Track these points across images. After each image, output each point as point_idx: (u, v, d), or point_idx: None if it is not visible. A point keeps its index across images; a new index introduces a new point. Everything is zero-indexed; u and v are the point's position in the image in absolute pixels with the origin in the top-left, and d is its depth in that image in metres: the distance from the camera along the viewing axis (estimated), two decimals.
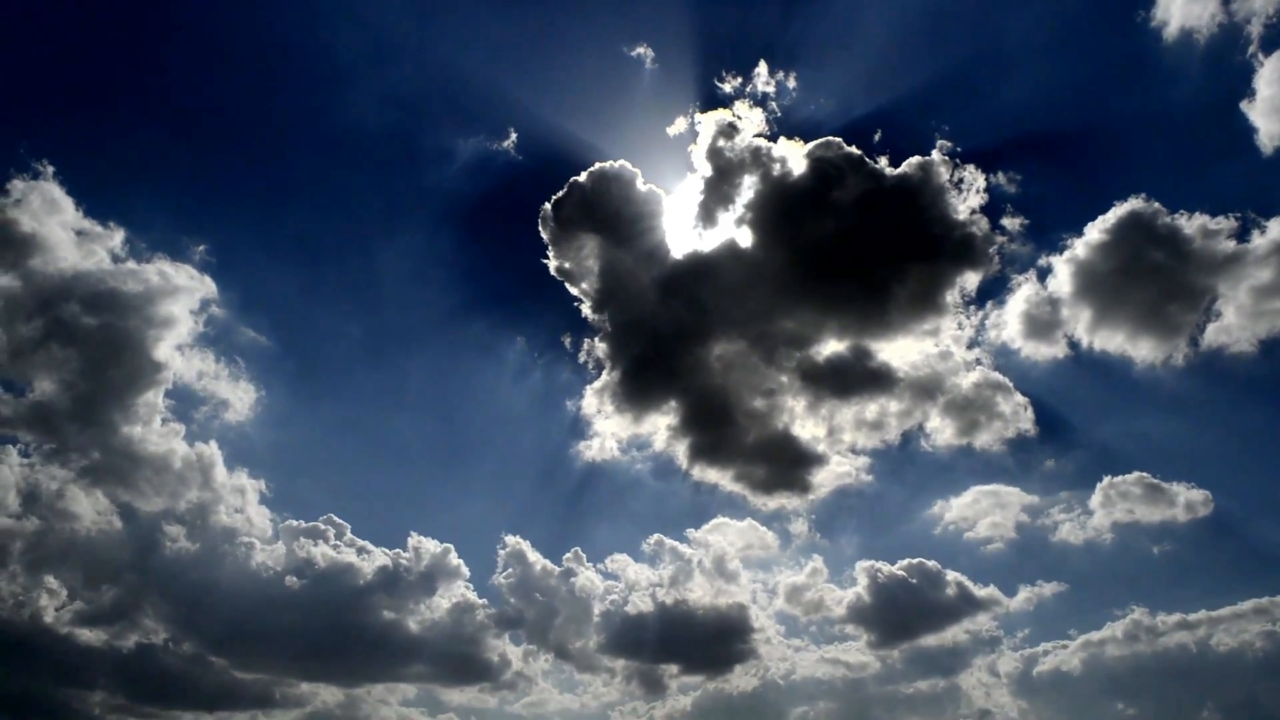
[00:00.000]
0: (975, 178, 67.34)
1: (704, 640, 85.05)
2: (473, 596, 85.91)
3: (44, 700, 77.24)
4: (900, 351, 72.99)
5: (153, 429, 78.78)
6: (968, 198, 67.36)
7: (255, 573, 79.98)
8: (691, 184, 69.63)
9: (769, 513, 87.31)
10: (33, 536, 77.07)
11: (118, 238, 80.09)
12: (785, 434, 75.26)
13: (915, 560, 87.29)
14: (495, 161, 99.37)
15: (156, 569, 79.00)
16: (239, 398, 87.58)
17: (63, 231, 77.33)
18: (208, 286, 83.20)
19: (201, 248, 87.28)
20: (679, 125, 75.97)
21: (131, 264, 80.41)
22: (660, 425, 76.43)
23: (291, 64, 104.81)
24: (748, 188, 67.11)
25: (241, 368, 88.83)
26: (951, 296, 70.02)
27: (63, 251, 76.89)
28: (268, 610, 79.61)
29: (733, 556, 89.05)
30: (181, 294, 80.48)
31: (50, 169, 77.94)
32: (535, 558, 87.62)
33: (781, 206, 66.76)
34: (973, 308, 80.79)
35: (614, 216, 68.21)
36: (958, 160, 67.87)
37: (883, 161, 67.52)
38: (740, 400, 73.59)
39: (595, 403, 77.70)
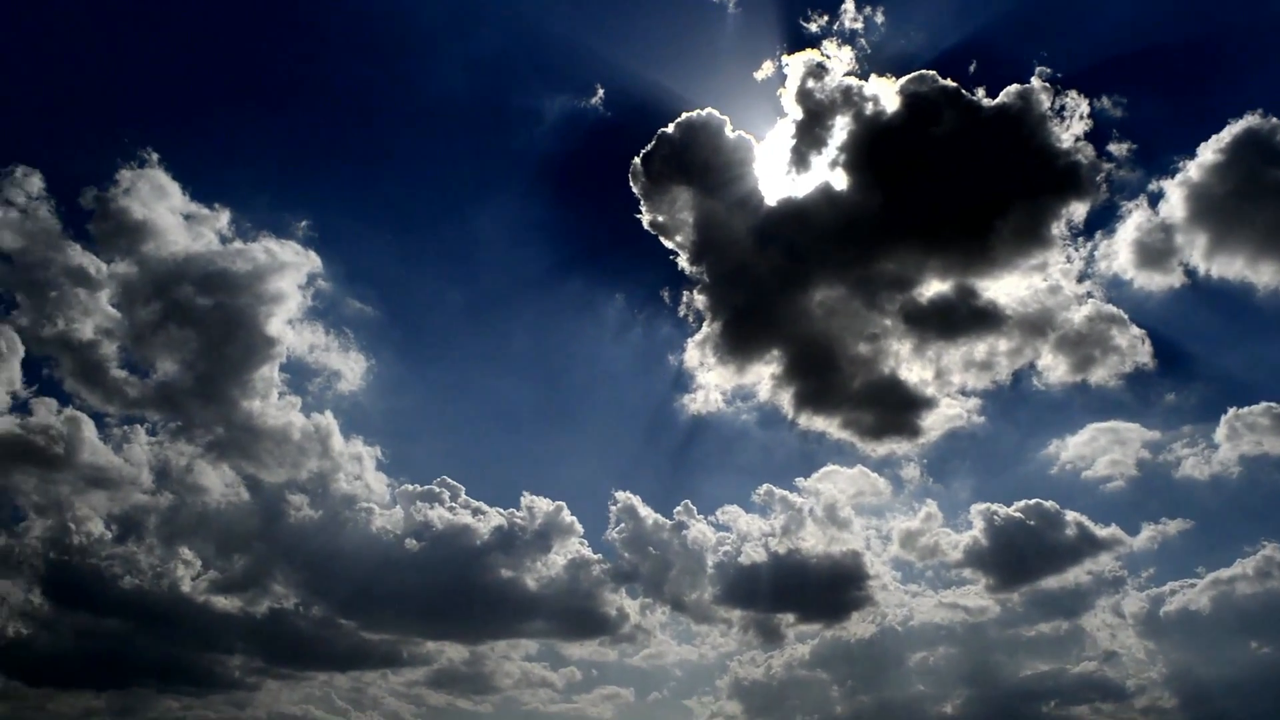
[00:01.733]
0: (1078, 103, 64.77)
1: (819, 588, 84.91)
2: (587, 552, 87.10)
3: (189, 665, 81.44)
4: (1007, 288, 71.08)
5: (271, 403, 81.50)
6: (1071, 125, 64.91)
7: (376, 537, 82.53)
8: (782, 129, 68.45)
9: (879, 459, 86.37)
10: (167, 511, 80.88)
11: (224, 219, 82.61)
12: (892, 378, 74.24)
13: (1032, 501, 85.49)
14: (584, 119, 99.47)
15: (283, 537, 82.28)
16: (350, 368, 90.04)
17: (171, 216, 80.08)
18: (313, 261, 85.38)
19: (304, 223, 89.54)
20: (766, 69, 74.71)
21: (238, 243, 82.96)
22: (764, 375, 75.95)
23: (377, 35, 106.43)
24: (840, 129, 65.75)
25: (350, 338, 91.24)
26: (1058, 229, 67.71)
27: (173, 236, 79.72)
28: (390, 573, 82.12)
29: (844, 504, 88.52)
30: (288, 270, 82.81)
31: (155, 156, 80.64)
32: (646, 512, 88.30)
33: (876, 146, 65.26)
34: (1081, 239, 78.22)
35: (705, 166, 67.65)
36: (1058, 86, 65.25)
37: (979, 93, 65.41)
38: (844, 346, 72.71)
39: (697, 355, 77.53)
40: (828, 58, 66.73)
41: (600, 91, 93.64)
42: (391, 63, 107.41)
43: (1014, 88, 64.89)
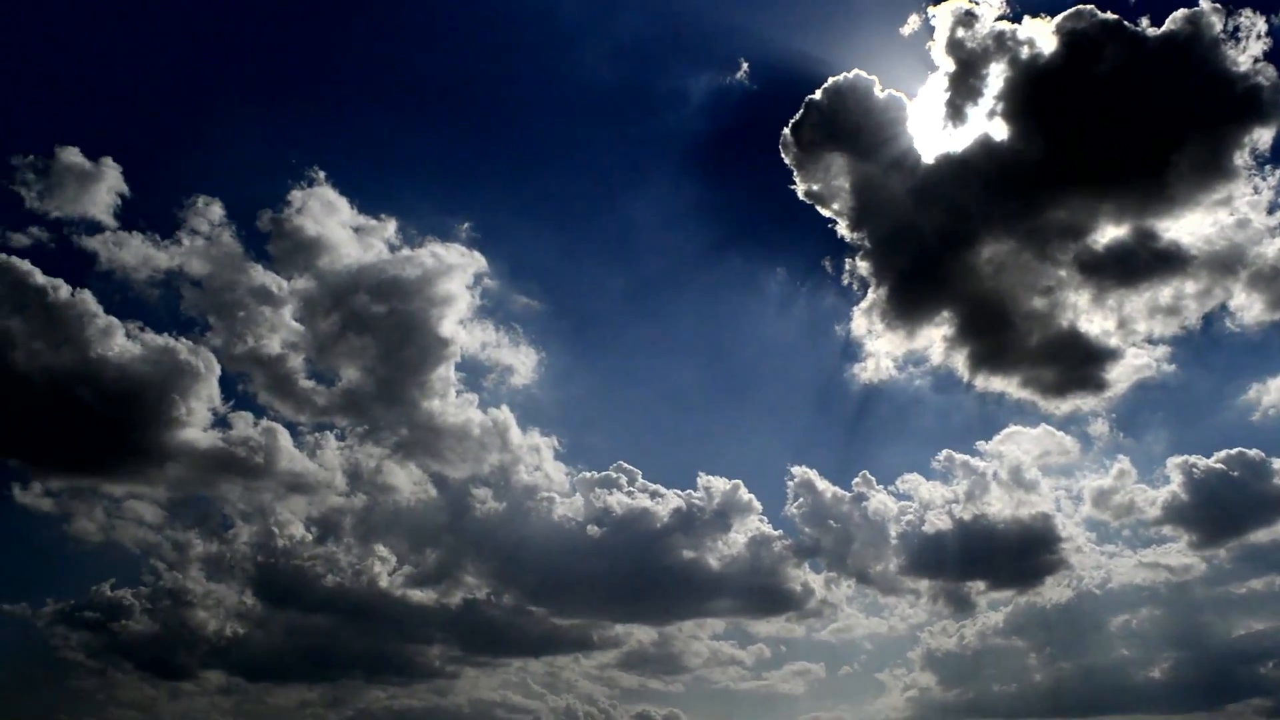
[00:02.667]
0: (1254, 22, 60.39)
1: (1008, 554, 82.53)
2: (768, 529, 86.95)
3: (392, 656, 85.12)
4: (1190, 227, 66.95)
5: (449, 401, 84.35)
6: (1247, 46, 60.61)
7: (558, 525, 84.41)
8: (933, 83, 66.25)
9: (1063, 416, 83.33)
10: (361, 511, 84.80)
11: (390, 228, 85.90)
12: (1071, 331, 71.15)
13: (1234, 451, 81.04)
14: (730, 95, 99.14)
15: (471, 530, 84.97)
16: (521, 362, 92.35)
17: (342, 230, 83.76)
18: (478, 261, 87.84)
19: (465, 225, 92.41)
20: (912, 23, 72.19)
21: (406, 250, 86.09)
22: (935, 338, 73.96)
23: (520, 31, 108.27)
24: (995, 77, 63.27)
25: (520, 333, 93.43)
26: (1241, 159, 63.28)
27: (345, 249, 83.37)
28: (575, 559, 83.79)
29: (1030, 465, 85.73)
30: (455, 272, 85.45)
31: (322, 174, 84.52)
32: (824, 485, 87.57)
33: (1036, 91, 62.47)
34: (1268, 167, 73.08)
35: (856, 130, 66.25)
36: (1230, 6, 61.25)
37: (1143, 23, 62.03)
38: (1017, 302, 70.11)
39: (864, 323, 76.16)
40: (976, 4, 64.21)
41: (744, 65, 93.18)
42: (536, 57, 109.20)
43: (1180, 13, 61.16)
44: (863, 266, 71.67)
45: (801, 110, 68.51)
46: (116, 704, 76.45)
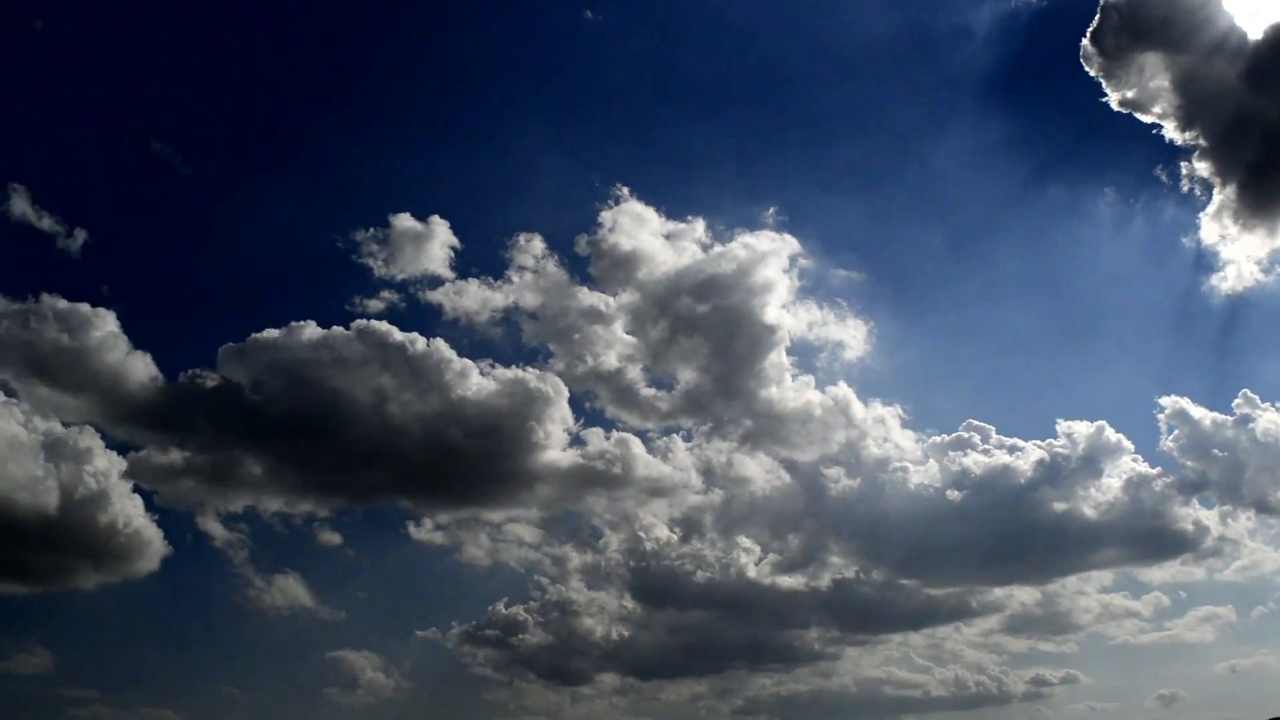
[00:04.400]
0: None
1: None
2: (1144, 468, 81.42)
3: (771, 643, 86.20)
4: None
5: (786, 386, 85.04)
6: None
7: (916, 494, 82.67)
8: None
9: None
10: (720, 506, 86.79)
11: (699, 228, 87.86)
12: None
13: None
14: (1015, 18, 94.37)
15: (829, 510, 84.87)
16: (850, 335, 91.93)
17: (654, 239, 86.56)
18: (789, 243, 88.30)
19: (771, 210, 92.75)
20: None
21: (718, 246, 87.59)
22: None
23: (785, 5, 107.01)
24: None
25: (844, 307, 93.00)
26: None
27: (660, 256, 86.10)
28: (938, 526, 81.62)
29: None
30: (770, 258, 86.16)
31: (625, 190, 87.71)
32: (1200, 413, 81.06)
33: None
34: None
35: (1164, 21, 60.10)
36: None
37: None
38: None
39: (1215, 229, 69.50)
40: None
41: None
42: (806, 27, 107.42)
43: None
44: (1201, 168, 65.21)
45: (1098, 15, 63.22)
46: (527, 711, 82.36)
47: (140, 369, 74.65)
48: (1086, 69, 64.66)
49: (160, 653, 78.44)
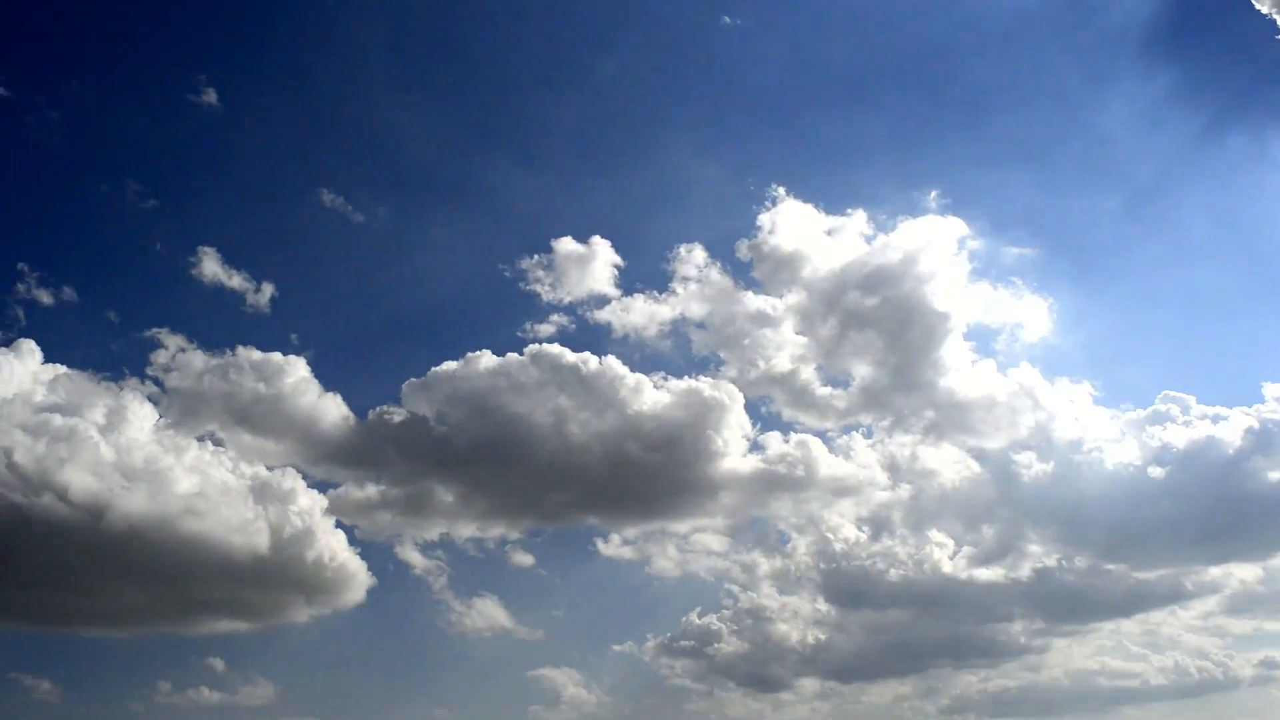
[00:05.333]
0: None
1: None
2: None
3: (973, 638, 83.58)
4: None
5: (966, 373, 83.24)
6: None
7: (1115, 474, 79.18)
8: None
9: None
10: (908, 501, 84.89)
11: (860, 220, 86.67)
12: None
13: None
14: None
15: (1022, 498, 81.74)
16: (1029, 314, 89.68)
17: (815, 236, 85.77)
18: (955, 226, 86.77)
19: (932, 194, 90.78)
20: None
21: (881, 237, 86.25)
22: None
23: None
24: None
25: (1019, 285, 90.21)
26: None
27: (823, 253, 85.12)
28: (1141, 506, 77.89)
29: None
30: (936, 243, 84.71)
31: (781, 189, 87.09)
32: None
33: None
34: None
35: None
36: None
37: None
38: None
39: None
40: None
41: None
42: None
43: None
44: None
45: None
46: None
47: (332, 410, 77.91)
48: (1257, 6, 60.71)
49: (372, 678, 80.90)
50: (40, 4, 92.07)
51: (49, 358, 71.30)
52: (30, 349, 70.41)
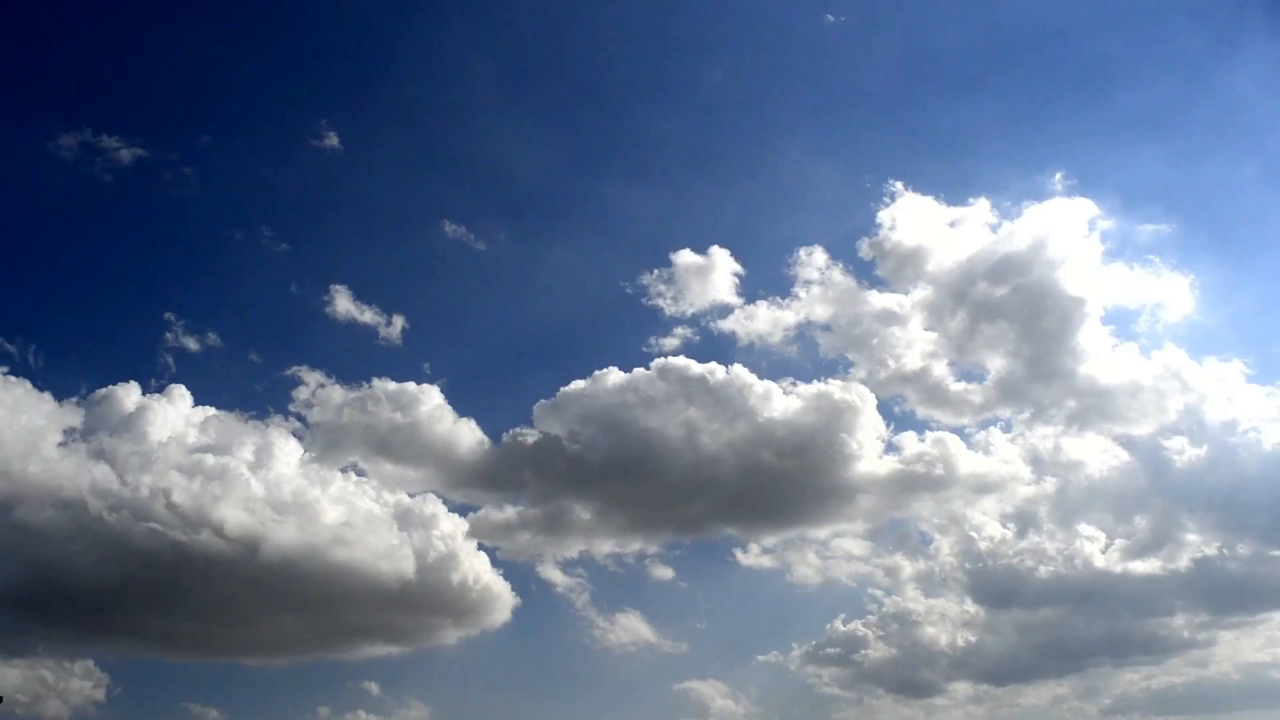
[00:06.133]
0: None
1: None
2: None
3: (1132, 635, 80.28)
4: None
5: (1106, 358, 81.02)
6: None
7: (1276, 454, 76.08)
8: None
9: None
10: (1054, 495, 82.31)
11: (983, 209, 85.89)
12: None
13: None
14: None
15: (1176, 485, 78.96)
16: (1170, 293, 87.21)
17: (938, 229, 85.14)
18: (1085, 207, 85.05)
19: (1057, 176, 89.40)
20: None
21: (1007, 224, 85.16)
22: None
23: None
24: None
25: (1158, 263, 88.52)
26: None
27: (948, 245, 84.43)
28: None
29: None
30: (1064, 226, 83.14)
31: (899, 184, 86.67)
32: None
33: None
34: None
35: None
36: None
37: None
38: None
39: None
40: None
41: None
42: None
43: None
44: None
45: None
46: None
47: (467, 435, 79.58)
48: None
49: (522, 697, 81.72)
50: (168, 70, 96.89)
51: (198, 400, 74.80)
52: (181, 393, 73.91)
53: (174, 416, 72.48)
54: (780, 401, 79.32)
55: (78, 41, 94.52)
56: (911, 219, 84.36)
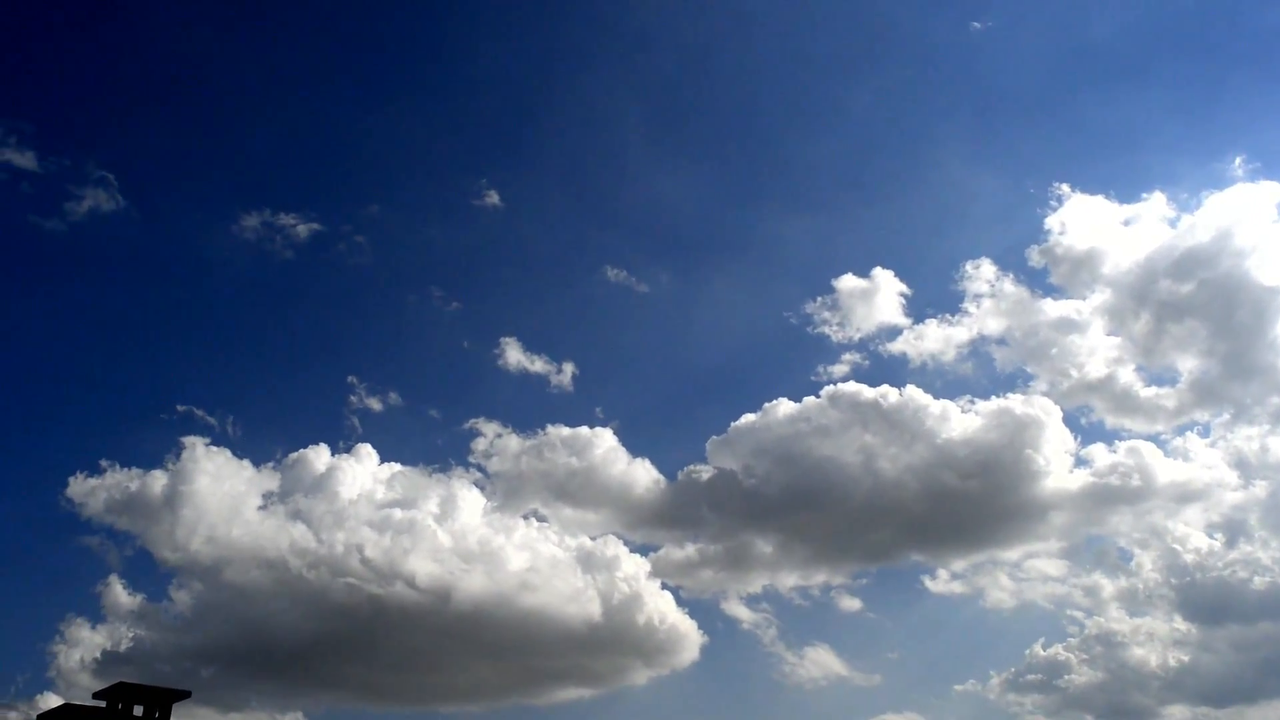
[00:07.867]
0: None
1: None
2: None
3: None
4: None
5: None
6: None
7: None
8: None
9: None
10: (1265, 500, 78.18)
11: (1159, 203, 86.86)
12: None
13: None
14: None
15: None
16: None
17: (1112, 229, 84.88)
18: (1271, 190, 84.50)
19: (1237, 161, 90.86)
20: None
21: (1186, 218, 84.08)
22: None
23: None
24: None
25: None
26: None
27: (1124, 245, 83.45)
28: None
29: None
30: (1252, 212, 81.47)
31: (1065, 187, 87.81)
32: None
33: None
34: None
35: None
36: None
37: None
38: None
39: None
40: None
41: None
42: None
43: None
44: None
45: None
46: None
47: (642, 475, 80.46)
48: None
49: None
50: (334, 145, 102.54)
51: (384, 458, 77.80)
52: (368, 452, 77.06)
53: (362, 474, 75.62)
54: (959, 420, 77.61)
55: (246, 127, 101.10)
56: (1082, 221, 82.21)
